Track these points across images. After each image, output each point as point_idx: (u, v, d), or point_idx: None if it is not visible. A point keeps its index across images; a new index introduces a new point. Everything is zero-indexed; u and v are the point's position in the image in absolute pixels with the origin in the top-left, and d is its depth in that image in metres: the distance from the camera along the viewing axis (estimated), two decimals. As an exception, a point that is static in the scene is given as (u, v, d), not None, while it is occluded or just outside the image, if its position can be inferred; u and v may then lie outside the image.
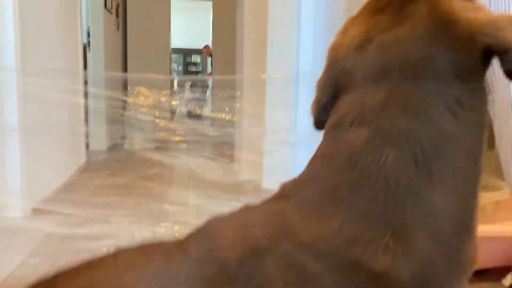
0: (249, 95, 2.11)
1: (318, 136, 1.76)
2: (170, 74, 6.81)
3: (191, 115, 4.12)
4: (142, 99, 1.68)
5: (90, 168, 3.03)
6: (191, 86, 8.90)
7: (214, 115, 1.69)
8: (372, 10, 0.55)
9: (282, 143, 1.82)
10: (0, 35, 2.09)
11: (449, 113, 0.47)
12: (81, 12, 3.55)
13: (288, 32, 2.64)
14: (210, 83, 8.23)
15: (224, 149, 2.54)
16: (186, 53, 10.65)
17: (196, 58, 10.83)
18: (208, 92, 6.25)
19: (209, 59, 9.37)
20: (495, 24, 0.46)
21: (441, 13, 0.49)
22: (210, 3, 6.71)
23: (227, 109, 1.93)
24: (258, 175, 3.00)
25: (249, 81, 2.66)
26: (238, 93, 2.97)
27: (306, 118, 1.97)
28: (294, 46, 2.34)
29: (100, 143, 3.82)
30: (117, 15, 5.06)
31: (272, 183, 2.88)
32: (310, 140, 1.81)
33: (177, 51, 9.89)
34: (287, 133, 1.88)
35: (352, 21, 0.58)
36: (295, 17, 2.38)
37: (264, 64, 2.95)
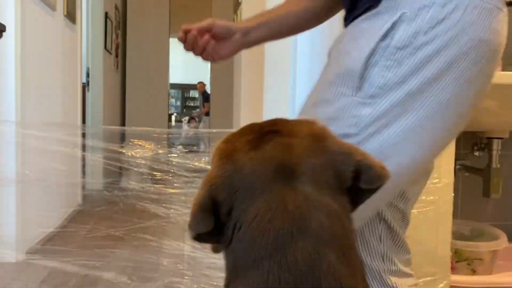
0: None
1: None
2: (169, 110, 6.86)
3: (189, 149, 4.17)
4: (140, 152, 1.70)
5: (85, 211, 3.04)
6: (188, 121, 8.99)
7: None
8: (256, 130, 0.59)
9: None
10: (2, 87, 2.13)
11: (345, 214, 0.55)
12: (81, 53, 3.62)
13: (284, 72, 2.69)
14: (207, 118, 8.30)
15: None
16: (184, 88, 10.77)
17: (194, 93, 10.95)
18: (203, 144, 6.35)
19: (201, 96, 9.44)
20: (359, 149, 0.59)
21: (320, 134, 0.58)
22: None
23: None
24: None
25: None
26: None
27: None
28: (291, 86, 2.39)
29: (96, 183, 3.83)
30: (116, 55, 5.16)
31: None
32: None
33: (175, 86, 10.01)
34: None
35: (236, 135, 0.61)
36: (291, 57, 2.43)
37: (261, 103, 3.00)
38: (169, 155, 1.70)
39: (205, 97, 8.66)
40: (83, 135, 1.98)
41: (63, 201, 2.98)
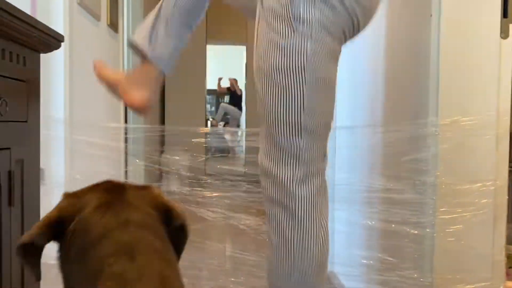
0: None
1: (357, 192, 1.73)
2: (205, 115, 6.97)
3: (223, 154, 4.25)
4: (182, 156, 1.73)
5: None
6: (224, 125, 9.08)
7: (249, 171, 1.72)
8: (102, 190, 0.75)
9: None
10: (52, 93, 2.21)
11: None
12: (123, 61, 3.72)
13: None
14: (243, 119, 8.36)
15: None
16: (219, 94, 10.92)
17: (227, 99, 11.07)
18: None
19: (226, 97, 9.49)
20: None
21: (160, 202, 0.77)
22: (244, 47, 6.90)
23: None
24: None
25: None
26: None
27: (344, 172, 1.95)
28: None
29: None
30: (156, 62, 5.26)
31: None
32: (349, 196, 1.80)
33: (210, 92, 10.13)
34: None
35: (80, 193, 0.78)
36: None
37: None
38: (209, 159, 1.72)
39: (234, 99, 8.72)
40: (126, 140, 2.05)
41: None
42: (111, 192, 0.75)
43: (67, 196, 0.76)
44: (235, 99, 8.98)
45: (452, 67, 1.25)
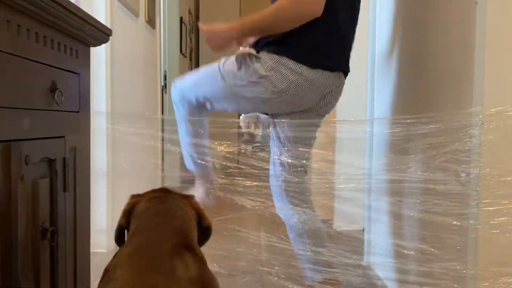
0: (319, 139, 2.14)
1: (396, 183, 1.71)
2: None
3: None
4: (223, 146, 1.77)
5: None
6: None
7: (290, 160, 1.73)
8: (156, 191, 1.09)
9: (354, 189, 1.82)
10: (95, 84, 2.29)
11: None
12: (160, 57, 3.80)
13: (361, 73, 2.65)
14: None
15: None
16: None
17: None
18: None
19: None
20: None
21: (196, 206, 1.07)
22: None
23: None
24: (330, 216, 2.99)
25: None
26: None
27: (381, 163, 1.93)
28: (368, 88, 2.35)
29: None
30: (190, 59, 5.34)
31: (344, 224, 2.83)
32: (387, 187, 1.79)
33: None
34: (359, 179, 1.88)
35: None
36: (369, 58, 2.39)
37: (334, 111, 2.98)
38: (251, 149, 1.75)
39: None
40: (163, 130, 2.11)
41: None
42: (161, 192, 1.07)
43: (133, 196, 1.09)
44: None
45: (498, 55, 1.22)
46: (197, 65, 5.81)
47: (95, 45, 1.24)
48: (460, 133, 1.31)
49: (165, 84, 4.43)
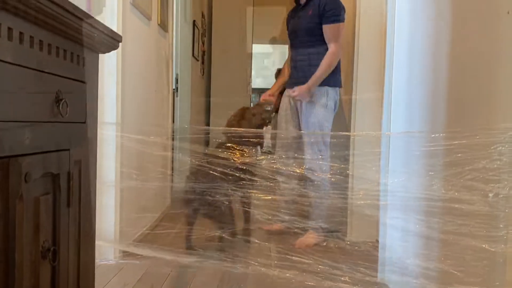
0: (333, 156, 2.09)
1: (415, 200, 1.64)
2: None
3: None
4: (238, 156, 1.71)
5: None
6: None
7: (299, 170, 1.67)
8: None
9: (368, 206, 1.75)
10: (105, 92, 2.24)
11: None
12: (172, 60, 3.75)
13: (378, 85, 2.57)
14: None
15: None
16: (262, 92, 10.96)
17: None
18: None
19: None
20: None
21: None
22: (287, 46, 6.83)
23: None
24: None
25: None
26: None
27: (400, 179, 1.85)
28: (385, 104, 2.26)
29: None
30: (202, 62, 5.30)
31: (357, 236, 2.76)
32: (405, 204, 1.71)
33: (254, 91, 10.14)
34: (374, 194, 1.80)
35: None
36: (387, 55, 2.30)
37: (349, 123, 2.91)
38: (269, 161, 1.69)
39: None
40: (173, 139, 2.07)
41: (156, 202, 3.09)
42: None
43: None
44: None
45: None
46: (209, 69, 5.77)
47: (104, 52, 1.18)
48: (488, 150, 1.23)
49: (177, 88, 4.39)
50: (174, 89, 4.27)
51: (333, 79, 2.88)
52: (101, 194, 2.24)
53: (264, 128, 2.71)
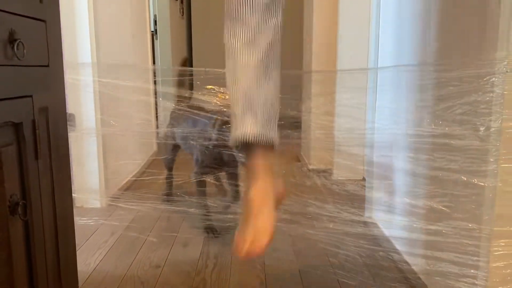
0: (317, 95, 2.01)
1: (403, 137, 1.60)
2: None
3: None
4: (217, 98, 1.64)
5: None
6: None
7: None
8: None
9: (354, 145, 1.71)
10: (77, 35, 2.11)
11: None
12: (149, 1, 3.55)
13: (363, 19, 2.47)
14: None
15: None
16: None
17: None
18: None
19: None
20: None
21: None
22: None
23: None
24: (329, 165, 2.90)
25: (317, 78, 2.55)
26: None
27: (387, 116, 1.81)
28: (372, 38, 2.17)
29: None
30: (181, 1, 5.05)
31: (342, 175, 2.76)
32: (393, 141, 1.67)
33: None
34: (359, 134, 1.76)
35: None
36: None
37: (334, 59, 2.80)
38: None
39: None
40: (155, 82, 1.97)
41: (142, 149, 3.03)
42: None
43: None
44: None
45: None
46: (188, 9, 5.52)
47: (64, -13, 1.07)
48: (480, 81, 1.17)
49: (156, 30, 4.20)
50: (152, 31, 4.09)
51: None
52: (80, 140, 2.17)
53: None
